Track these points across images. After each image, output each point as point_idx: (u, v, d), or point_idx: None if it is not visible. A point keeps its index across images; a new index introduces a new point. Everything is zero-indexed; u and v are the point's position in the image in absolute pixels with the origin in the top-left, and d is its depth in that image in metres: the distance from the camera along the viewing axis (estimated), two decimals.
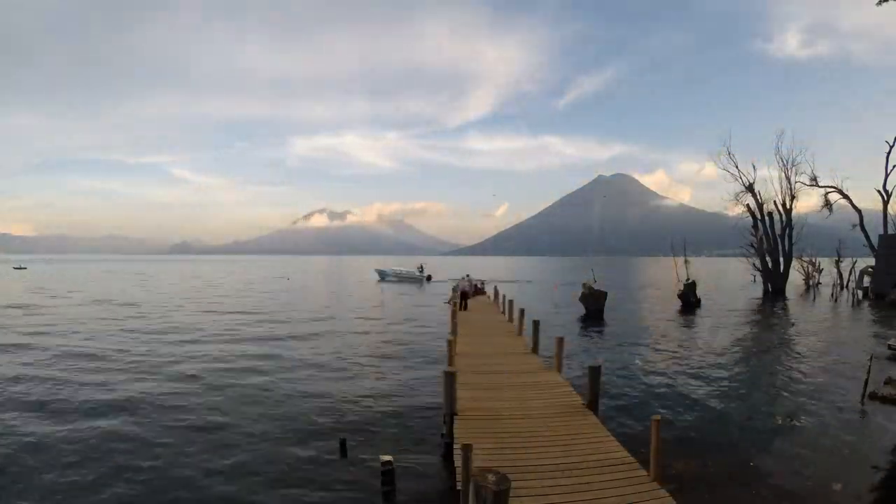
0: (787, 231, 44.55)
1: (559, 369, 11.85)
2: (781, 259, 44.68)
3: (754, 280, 52.30)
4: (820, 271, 51.58)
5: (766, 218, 44.88)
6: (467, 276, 31.42)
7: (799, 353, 18.06)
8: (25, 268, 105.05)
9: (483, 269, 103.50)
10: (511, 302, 21.54)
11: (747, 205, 45.70)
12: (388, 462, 7.27)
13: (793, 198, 44.77)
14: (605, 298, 30.19)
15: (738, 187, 45.70)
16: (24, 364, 15.81)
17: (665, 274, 78.40)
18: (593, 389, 9.20)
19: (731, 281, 64.45)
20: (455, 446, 7.29)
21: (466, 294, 26.82)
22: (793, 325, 25.23)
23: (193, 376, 14.33)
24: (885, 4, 15.48)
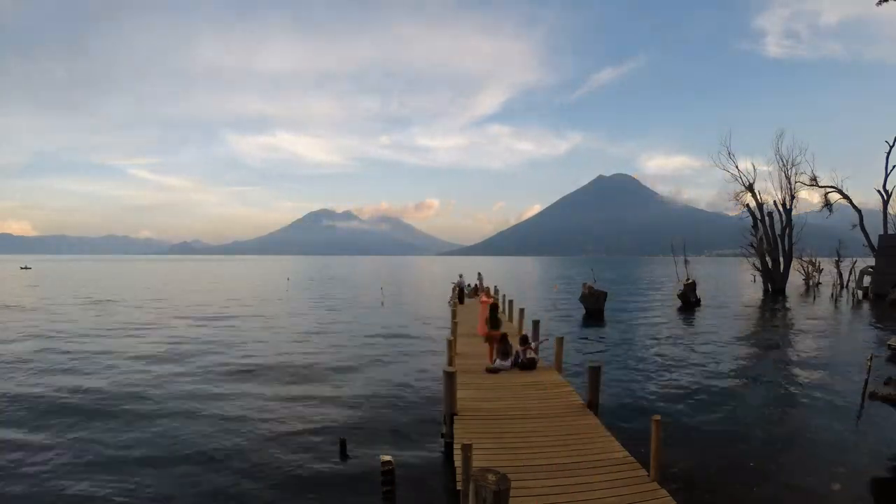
0: (787, 231, 44.56)
1: (559, 369, 11.86)
2: (781, 259, 44.68)
3: (754, 280, 52.32)
4: (820, 271, 51.57)
5: (766, 218, 44.90)
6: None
7: (799, 353, 18.07)
8: (30, 268, 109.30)
9: (481, 269, 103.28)
10: (511, 302, 21.55)
11: (747, 205, 45.81)
12: (388, 462, 7.27)
13: (793, 198, 44.85)
14: (605, 298, 30.22)
15: (739, 187, 45.85)
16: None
17: (665, 274, 78.42)
18: (593, 389, 9.19)
19: (731, 281, 64.44)
20: (455, 446, 7.29)
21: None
22: (792, 324, 25.23)
23: (197, 374, 14.37)
24: (885, 4, 15.48)
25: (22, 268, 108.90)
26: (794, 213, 44.84)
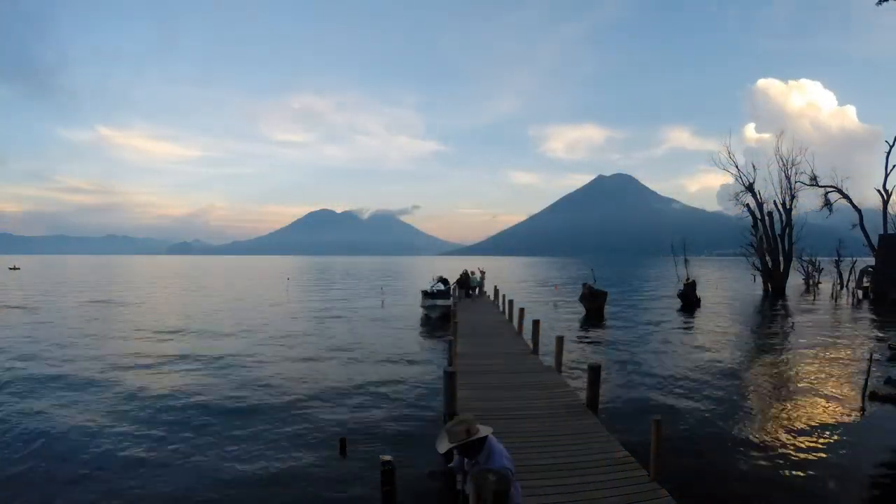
0: (787, 231, 44.55)
1: (559, 369, 11.86)
2: (781, 259, 44.68)
3: (754, 280, 52.35)
4: (820, 271, 51.57)
5: (766, 218, 44.90)
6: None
7: (798, 353, 18.06)
8: (19, 268, 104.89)
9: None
10: (511, 302, 21.54)
11: (747, 204, 45.81)
12: (388, 462, 7.26)
13: (793, 197, 44.85)
14: (606, 298, 30.21)
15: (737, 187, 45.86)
16: None
17: (665, 274, 78.41)
18: (593, 389, 9.19)
19: (731, 280, 64.45)
20: None
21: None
22: (792, 324, 25.23)
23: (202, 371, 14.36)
24: (885, 4, 15.50)
25: (11, 268, 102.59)
26: (793, 212, 44.88)
